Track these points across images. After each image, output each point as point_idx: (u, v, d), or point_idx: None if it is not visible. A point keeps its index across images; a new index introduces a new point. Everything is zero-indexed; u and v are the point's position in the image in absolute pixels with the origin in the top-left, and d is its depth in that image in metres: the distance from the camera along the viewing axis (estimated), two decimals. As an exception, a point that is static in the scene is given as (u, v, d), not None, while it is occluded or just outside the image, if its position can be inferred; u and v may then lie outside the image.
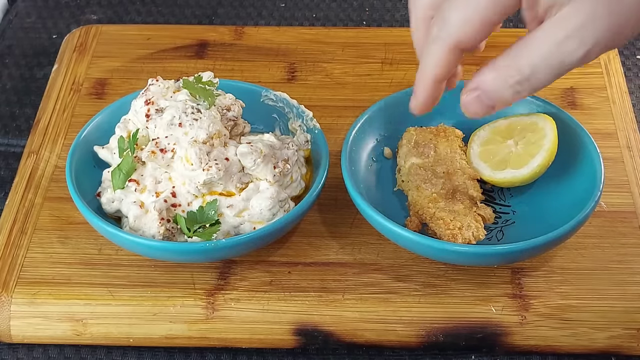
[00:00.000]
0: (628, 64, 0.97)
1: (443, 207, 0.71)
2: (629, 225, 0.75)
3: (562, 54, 0.59)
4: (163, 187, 0.72)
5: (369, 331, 0.71)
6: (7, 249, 0.74)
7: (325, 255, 0.74)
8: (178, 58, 0.92)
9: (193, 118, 0.72)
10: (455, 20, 0.62)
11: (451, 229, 0.69)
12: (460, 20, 0.62)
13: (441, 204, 0.72)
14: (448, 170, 0.74)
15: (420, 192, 0.73)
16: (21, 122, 0.90)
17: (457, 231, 0.69)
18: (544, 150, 0.74)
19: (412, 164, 0.75)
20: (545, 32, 0.60)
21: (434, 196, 0.72)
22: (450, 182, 0.73)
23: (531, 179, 0.75)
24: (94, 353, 0.72)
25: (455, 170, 0.74)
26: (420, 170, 0.74)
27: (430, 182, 0.73)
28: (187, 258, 0.72)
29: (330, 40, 0.93)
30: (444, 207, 0.71)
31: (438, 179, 0.73)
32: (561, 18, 0.59)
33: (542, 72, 0.60)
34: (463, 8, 0.62)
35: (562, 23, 0.59)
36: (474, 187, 0.74)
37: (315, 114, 0.78)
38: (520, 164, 0.75)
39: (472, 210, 0.72)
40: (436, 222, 0.70)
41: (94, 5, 1.05)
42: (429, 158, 0.75)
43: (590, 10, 0.59)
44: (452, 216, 0.71)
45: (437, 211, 0.71)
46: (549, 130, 0.75)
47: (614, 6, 0.58)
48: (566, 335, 0.70)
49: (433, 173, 0.74)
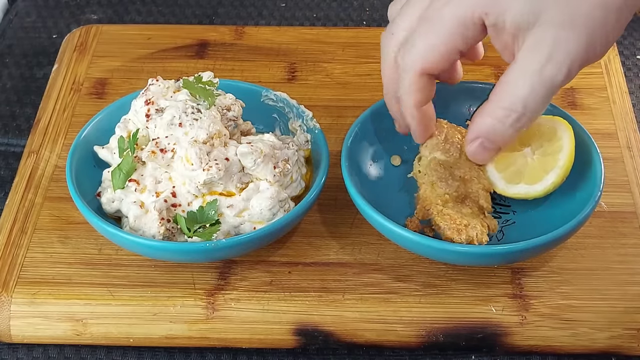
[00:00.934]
0: (628, 64, 0.97)
1: (452, 207, 0.71)
2: (629, 225, 0.75)
3: (545, 80, 0.61)
4: (163, 187, 0.72)
5: (369, 331, 0.71)
6: (7, 248, 0.74)
7: (325, 255, 0.74)
8: (178, 58, 0.92)
9: (193, 118, 0.72)
10: (421, 47, 0.65)
11: (457, 224, 0.69)
12: (425, 47, 0.65)
13: (450, 204, 0.71)
14: (465, 176, 0.73)
15: (434, 189, 0.72)
16: (21, 122, 0.90)
17: (462, 227, 0.69)
18: (558, 167, 0.72)
19: (435, 158, 0.73)
20: (522, 66, 0.62)
21: (446, 197, 0.72)
22: (464, 188, 0.73)
23: (545, 194, 0.74)
24: (94, 353, 0.72)
25: (472, 177, 0.73)
26: (440, 168, 0.73)
27: (446, 182, 0.72)
28: (187, 258, 0.72)
29: (331, 40, 0.93)
30: (453, 207, 0.71)
31: (454, 181, 0.72)
32: (532, 47, 0.61)
33: (534, 103, 0.62)
34: (428, 35, 0.64)
35: (534, 53, 0.61)
36: (485, 198, 0.73)
37: (315, 114, 0.78)
38: (534, 180, 0.73)
39: (479, 217, 0.72)
40: (442, 217, 0.70)
41: (94, 5, 1.05)
42: (451, 157, 0.74)
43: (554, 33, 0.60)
44: (459, 215, 0.70)
45: (445, 209, 0.71)
46: (566, 143, 0.73)
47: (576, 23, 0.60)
48: (566, 336, 0.70)
49: (451, 174, 0.73)
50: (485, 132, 0.66)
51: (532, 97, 0.62)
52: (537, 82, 0.61)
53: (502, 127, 0.64)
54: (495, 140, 0.66)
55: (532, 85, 0.61)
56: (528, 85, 0.62)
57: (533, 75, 0.61)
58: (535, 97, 0.62)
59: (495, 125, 0.64)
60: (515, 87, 0.62)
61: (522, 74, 0.62)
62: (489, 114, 0.65)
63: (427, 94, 0.68)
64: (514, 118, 0.63)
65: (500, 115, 0.64)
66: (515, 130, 0.64)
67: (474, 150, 0.68)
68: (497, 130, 0.65)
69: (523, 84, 0.62)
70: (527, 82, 0.62)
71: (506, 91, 0.63)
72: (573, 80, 0.88)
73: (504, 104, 0.63)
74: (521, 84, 0.62)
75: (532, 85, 0.61)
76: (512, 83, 0.62)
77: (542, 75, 0.61)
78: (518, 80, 0.62)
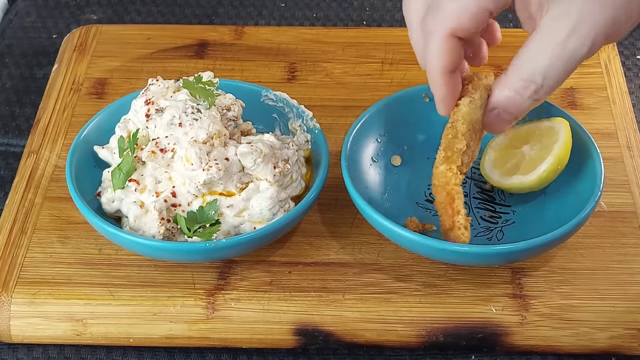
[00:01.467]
0: (628, 64, 0.97)
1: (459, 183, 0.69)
2: (629, 225, 0.75)
3: (567, 53, 0.59)
4: (163, 187, 0.72)
5: (370, 331, 0.71)
6: (7, 249, 0.74)
7: (325, 255, 0.74)
8: (178, 58, 0.92)
9: (193, 118, 0.72)
10: (448, 7, 0.62)
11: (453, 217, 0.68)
12: (453, 6, 0.62)
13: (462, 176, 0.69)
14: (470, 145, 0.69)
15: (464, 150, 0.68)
16: (21, 121, 0.90)
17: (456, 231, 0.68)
18: (552, 155, 0.73)
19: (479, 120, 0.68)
20: (545, 36, 0.60)
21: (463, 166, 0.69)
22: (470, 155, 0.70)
23: (539, 185, 0.74)
24: (94, 353, 0.72)
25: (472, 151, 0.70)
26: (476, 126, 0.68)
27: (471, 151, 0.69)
28: (187, 258, 0.72)
29: (331, 40, 0.93)
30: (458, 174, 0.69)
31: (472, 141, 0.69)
32: (556, 17, 0.59)
33: (554, 75, 0.61)
34: None
35: (559, 23, 0.59)
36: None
37: (315, 114, 0.78)
38: (528, 170, 0.74)
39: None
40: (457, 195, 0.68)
41: (94, 5, 1.05)
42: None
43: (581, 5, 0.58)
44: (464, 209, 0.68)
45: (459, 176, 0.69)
46: (562, 135, 0.74)
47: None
48: (567, 335, 0.70)
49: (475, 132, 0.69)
50: (503, 104, 0.64)
51: (552, 70, 0.60)
52: (559, 54, 0.59)
53: (520, 99, 0.63)
54: (512, 110, 0.64)
55: (554, 57, 0.60)
56: (549, 57, 0.60)
57: (556, 47, 0.59)
58: (556, 69, 0.60)
59: (513, 98, 0.63)
60: (536, 58, 0.60)
61: (544, 45, 0.60)
62: (507, 85, 0.63)
63: (454, 59, 0.65)
64: (533, 90, 0.62)
65: (519, 87, 0.62)
66: (533, 101, 0.63)
67: (491, 121, 0.66)
68: (514, 102, 0.63)
69: (544, 56, 0.60)
70: (548, 53, 0.60)
71: (526, 62, 0.61)
72: (573, 80, 0.89)
73: (522, 75, 0.62)
74: (542, 56, 0.60)
75: (553, 57, 0.60)
76: (533, 54, 0.61)
77: (565, 47, 0.59)
78: (539, 51, 0.60)
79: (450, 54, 0.64)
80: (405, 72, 0.90)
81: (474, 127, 0.68)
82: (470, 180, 0.78)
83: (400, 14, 1.03)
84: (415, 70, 0.90)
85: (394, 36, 0.94)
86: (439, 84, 0.66)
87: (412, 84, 0.84)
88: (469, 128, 0.68)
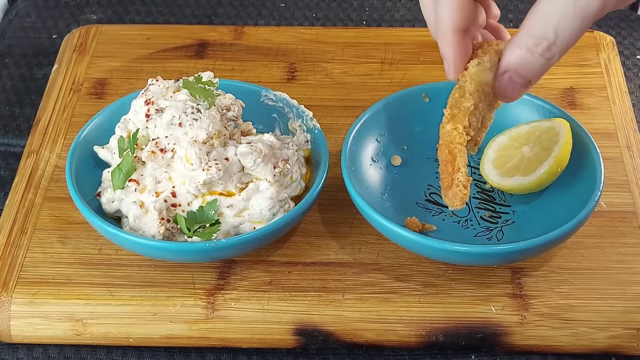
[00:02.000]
0: (628, 64, 0.97)
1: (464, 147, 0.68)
2: (629, 225, 0.75)
3: (579, 8, 0.58)
4: (163, 187, 0.72)
5: (369, 331, 0.71)
6: (7, 249, 0.74)
7: (325, 255, 0.74)
8: (178, 58, 0.92)
9: (193, 118, 0.72)
10: None
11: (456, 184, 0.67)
12: None
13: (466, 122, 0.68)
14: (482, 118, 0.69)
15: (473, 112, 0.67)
16: (21, 122, 0.90)
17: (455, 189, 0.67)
18: (552, 157, 0.73)
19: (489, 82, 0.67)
20: None
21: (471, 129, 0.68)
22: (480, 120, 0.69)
23: (538, 186, 0.74)
24: (94, 353, 0.72)
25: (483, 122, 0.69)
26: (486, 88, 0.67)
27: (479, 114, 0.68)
28: (187, 258, 0.72)
29: (330, 40, 0.93)
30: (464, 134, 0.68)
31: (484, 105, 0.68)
32: None
33: (567, 31, 0.59)
34: None
35: None
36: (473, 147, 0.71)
37: (315, 114, 0.78)
38: (528, 171, 0.74)
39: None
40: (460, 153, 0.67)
41: (94, 5, 1.05)
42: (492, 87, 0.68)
43: None
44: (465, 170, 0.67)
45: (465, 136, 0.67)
46: (562, 136, 0.74)
47: None
48: (566, 335, 0.70)
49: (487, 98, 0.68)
50: (514, 65, 0.62)
51: (564, 25, 0.59)
52: (571, 9, 0.58)
53: (531, 57, 0.61)
54: (524, 73, 0.63)
55: (566, 11, 0.59)
56: (560, 12, 0.59)
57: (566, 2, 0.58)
58: (568, 25, 0.59)
59: (524, 56, 0.61)
60: (548, 14, 0.59)
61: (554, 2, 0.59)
62: (518, 45, 0.61)
63: (466, 16, 0.63)
64: (545, 47, 0.60)
65: (530, 44, 0.61)
66: (545, 60, 0.61)
67: (503, 86, 0.64)
68: (526, 61, 0.61)
69: (555, 11, 0.59)
70: (559, 8, 0.59)
71: (537, 19, 0.60)
72: (573, 80, 0.89)
73: (534, 32, 0.60)
74: (553, 11, 0.59)
75: (566, 12, 0.59)
76: (544, 10, 0.59)
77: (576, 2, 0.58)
78: (550, 8, 0.59)
79: (461, 10, 0.63)
80: (405, 72, 0.90)
81: (483, 89, 0.67)
82: (470, 180, 0.78)
83: (400, 13, 1.03)
84: (415, 70, 0.90)
85: (394, 36, 0.94)
86: (450, 44, 0.65)
87: (412, 84, 0.84)
88: (477, 89, 0.66)
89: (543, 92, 0.87)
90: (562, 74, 0.89)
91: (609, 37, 0.93)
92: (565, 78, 0.89)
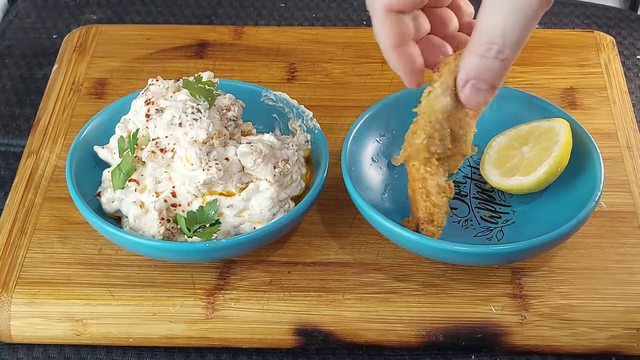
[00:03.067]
0: (628, 64, 0.97)
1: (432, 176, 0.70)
2: (629, 225, 0.75)
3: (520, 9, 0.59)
4: (163, 187, 0.72)
5: (369, 331, 0.71)
6: (7, 249, 0.74)
7: (325, 255, 0.74)
8: (178, 58, 0.92)
9: (193, 118, 0.72)
10: None
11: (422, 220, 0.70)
12: None
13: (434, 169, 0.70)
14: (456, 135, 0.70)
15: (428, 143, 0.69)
16: (21, 122, 0.91)
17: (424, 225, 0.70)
18: (551, 157, 0.73)
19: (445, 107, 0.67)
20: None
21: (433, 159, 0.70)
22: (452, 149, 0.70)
23: (538, 186, 0.74)
24: (94, 353, 0.72)
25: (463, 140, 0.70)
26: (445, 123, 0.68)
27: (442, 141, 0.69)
28: (187, 258, 0.72)
29: (330, 40, 0.93)
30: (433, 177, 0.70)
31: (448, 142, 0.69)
32: None
33: (514, 34, 0.60)
34: None
35: None
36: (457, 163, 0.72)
37: (315, 114, 0.78)
38: (528, 171, 0.74)
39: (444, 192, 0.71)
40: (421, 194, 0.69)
41: (94, 5, 1.05)
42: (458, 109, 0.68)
43: None
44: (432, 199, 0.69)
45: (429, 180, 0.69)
46: (562, 136, 0.74)
47: None
48: (566, 335, 0.70)
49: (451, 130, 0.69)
50: (472, 72, 0.63)
51: (509, 27, 0.60)
52: (512, 10, 0.59)
53: (487, 62, 0.62)
54: (486, 77, 0.63)
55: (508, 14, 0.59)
56: (503, 15, 0.60)
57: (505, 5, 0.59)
58: (513, 26, 0.60)
59: (480, 62, 0.62)
60: (490, 20, 0.60)
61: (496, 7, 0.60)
62: (471, 53, 0.62)
63: (399, 33, 0.65)
64: (496, 50, 0.61)
65: (482, 50, 0.61)
66: (501, 62, 0.62)
67: (467, 95, 0.65)
68: (483, 66, 0.62)
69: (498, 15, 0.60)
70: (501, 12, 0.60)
71: (482, 27, 0.61)
72: (573, 80, 0.89)
73: (482, 39, 0.61)
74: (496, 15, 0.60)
75: (508, 14, 0.59)
76: (487, 17, 0.60)
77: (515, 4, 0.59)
78: (492, 12, 0.60)
79: (392, 30, 0.64)
80: (405, 72, 0.89)
81: (439, 116, 0.67)
82: (470, 180, 0.78)
83: (400, 14, 1.03)
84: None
85: (394, 36, 0.93)
86: (394, 60, 0.66)
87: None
88: (430, 119, 0.67)
89: (543, 92, 0.87)
90: (562, 74, 0.89)
91: (609, 37, 0.93)
92: (565, 78, 0.89)
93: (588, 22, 1.03)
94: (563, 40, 0.93)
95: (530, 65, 0.90)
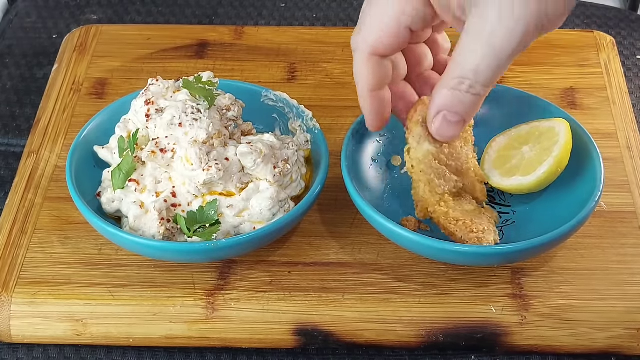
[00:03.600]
0: (628, 64, 0.97)
1: (454, 207, 0.71)
2: (629, 226, 0.75)
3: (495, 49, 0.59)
4: (163, 187, 0.72)
5: (369, 331, 0.71)
6: (7, 249, 0.74)
7: (325, 255, 0.74)
8: (178, 58, 0.92)
9: (193, 118, 0.72)
10: (367, 25, 0.64)
11: (475, 232, 0.69)
12: (371, 24, 0.63)
13: (451, 203, 0.71)
14: (458, 168, 0.71)
15: (432, 188, 0.70)
16: (21, 122, 0.91)
17: (481, 235, 0.69)
18: (552, 157, 0.73)
19: (428, 152, 0.70)
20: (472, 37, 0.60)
21: (446, 196, 0.71)
22: (461, 182, 0.72)
23: (538, 186, 0.74)
24: (94, 353, 0.72)
25: (468, 169, 0.72)
26: (435, 163, 0.70)
27: (443, 179, 0.71)
28: (187, 258, 0.72)
29: (330, 40, 0.93)
30: (455, 207, 0.71)
31: (451, 175, 0.71)
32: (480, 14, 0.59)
33: (485, 72, 0.61)
34: (373, 12, 0.63)
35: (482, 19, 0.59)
36: (480, 190, 0.73)
37: (315, 114, 0.78)
38: (528, 171, 0.74)
39: (482, 212, 0.72)
40: (455, 223, 0.69)
41: (94, 5, 1.05)
42: (442, 147, 0.70)
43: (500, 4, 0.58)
44: (469, 218, 0.70)
45: (451, 211, 0.70)
46: (562, 136, 0.73)
47: None
48: (566, 336, 0.70)
49: (447, 166, 0.71)
50: (444, 104, 0.63)
51: (482, 67, 0.60)
52: (487, 52, 0.59)
53: (459, 95, 0.62)
54: (457, 110, 0.63)
55: (485, 52, 0.59)
56: (480, 53, 0.60)
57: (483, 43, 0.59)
58: (487, 66, 0.60)
59: (453, 94, 0.62)
60: (467, 55, 0.60)
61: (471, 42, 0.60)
62: (444, 86, 0.63)
63: (379, 77, 0.66)
64: (468, 84, 0.61)
65: (454, 84, 0.62)
66: (472, 96, 0.62)
67: (438, 126, 0.65)
68: (456, 98, 0.62)
69: (474, 51, 0.60)
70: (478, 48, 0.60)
71: (457, 60, 0.61)
72: (573, 80, 0.89)
73: (454, 74, 0.62)
74: (470, 55, 0.60)
75: (484, 53, 0.59)
76: (464, 51, 0.61)
77: (491, 45, 0.59)
78: (470, 48, 0.60)
79: (373, 73, 0.65)
80: (405, 72, 0.90)
81: (428, 160, 0.70)
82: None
83: (400, 14, 1.03)
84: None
85: (394, 36, 0.93)
86: (366, 102, 0.68)
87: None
88: (420, 169, 0.70)
89: (543, 92, 0.87)
90: (562, 74, 0.89)
91: (609, 37, 0.93)
92: (565, 78, 0.89)
93: (588, 22, 1.04)
94: (563, 40, 0.93)
95: (530, 65, 0.90)
